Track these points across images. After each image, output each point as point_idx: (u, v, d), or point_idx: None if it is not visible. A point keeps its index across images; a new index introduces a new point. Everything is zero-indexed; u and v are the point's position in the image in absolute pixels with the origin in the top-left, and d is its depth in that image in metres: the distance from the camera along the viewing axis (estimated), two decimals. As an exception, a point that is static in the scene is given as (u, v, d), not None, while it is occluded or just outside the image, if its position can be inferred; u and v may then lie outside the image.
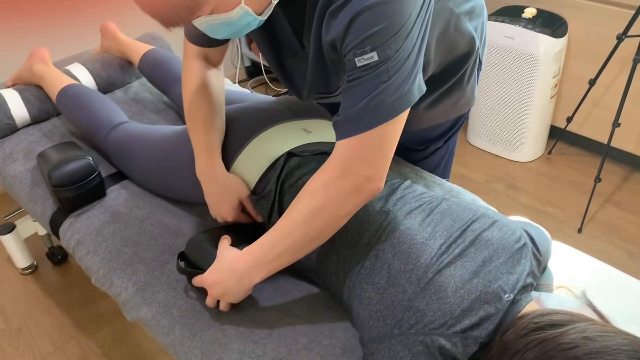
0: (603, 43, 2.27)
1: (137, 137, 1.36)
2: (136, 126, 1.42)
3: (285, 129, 1.15)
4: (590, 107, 2.46)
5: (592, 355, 0.70)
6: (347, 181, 0.86)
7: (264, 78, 3.20)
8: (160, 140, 1.30)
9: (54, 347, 1.76)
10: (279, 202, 1.07)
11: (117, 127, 1.42)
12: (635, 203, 2.31)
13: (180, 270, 1.07)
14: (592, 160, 2.56)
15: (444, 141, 1.36)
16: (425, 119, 1.25)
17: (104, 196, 1.35)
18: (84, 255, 1.24)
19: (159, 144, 1.29)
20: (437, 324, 0.81)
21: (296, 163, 1.09)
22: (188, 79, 1.15)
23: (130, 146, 1.36)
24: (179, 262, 1.08)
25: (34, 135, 1.59)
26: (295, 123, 1.18)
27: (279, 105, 1.24)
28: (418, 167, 1.39)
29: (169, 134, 1.30)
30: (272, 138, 1.13)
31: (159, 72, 1.68)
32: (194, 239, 1.09)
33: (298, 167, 1.08)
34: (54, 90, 1.57)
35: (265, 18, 0.86)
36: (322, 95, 1.09)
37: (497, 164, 2.60)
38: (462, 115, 1.31)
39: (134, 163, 1.35)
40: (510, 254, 0.90)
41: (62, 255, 2.07)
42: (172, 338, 1.03)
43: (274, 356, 0.95)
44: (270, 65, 1.12)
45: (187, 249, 1.09)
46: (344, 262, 0.94)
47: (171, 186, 1.28)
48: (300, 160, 1.09)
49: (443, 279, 0.84)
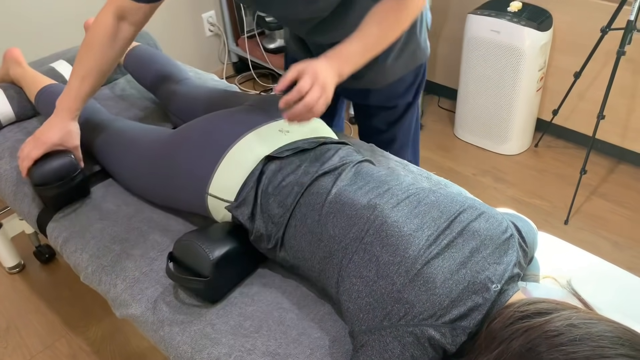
0: (588, 36, 2.29)
1: (120, 141, 1.34)
2: (119, 126, 1.39)
3: (262, 133, 1.14)
4: (576, 100, 2.49)
5: (576, 342, 0.71)
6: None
7: (252, 74, 3.20)
8: (147, 150, 1.26)
9: (43, 345, 1.76)
10: (262, 205, 1.06)
11: (97, 127, 1.40)
12: (621, 194, 2.34)
13: (170, 274, 1.05)
14: (578, 152, 2.59)
15: (412, 96, 1.46)
16: (391, 73, 1.37)
17: (88, 194, 1.34)
18: (72, 253, 1.23)
19: (147, 154, 1.26)
20: (426, 315, 0.82)
21: (277, 166, 1.08)
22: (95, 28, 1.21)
23: (113, 150, 1.34)
24: (168, 265, 1.06)
25: (19, 133, 1.57)
26: (271, 126, 1.16)
27: (253, 108, 1.22)
28: (406, 162, 1.40)
29: (156, 144, 1.26)
30: (249, 145, 1.11)
31: (145, 70, 1.66)
32: (182, 240, 1.07)
33: (280, 169, 1.08)
34: (31, 92, 1.55)
35: None
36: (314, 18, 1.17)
37: (484, 157, 2.61)
38: (420, 65, 1.41)
39: (119, 168, 1.33)
40: (498, 245, 0.90)
41: (50, 254, 2.06)
42: (161, 334, 1.03)
43: (264, 350, 0.96)
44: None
45: (176, 250, 1.08)
46: (332, 257, 0.94)
47: (166, 197, 1.25)
48: (281, 162, 1.09)
49: (431, 270, 0.84)
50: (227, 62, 3.26)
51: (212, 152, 1.12)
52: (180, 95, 1.52)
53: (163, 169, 1.20)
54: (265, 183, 1.07)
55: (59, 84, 1.57)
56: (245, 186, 1.08)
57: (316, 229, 0.98)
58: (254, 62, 3.09)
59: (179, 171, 1.16)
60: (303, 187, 1.03)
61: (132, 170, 1.28)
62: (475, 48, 2.42)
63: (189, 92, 1.52)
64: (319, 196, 1.01)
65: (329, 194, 1.01)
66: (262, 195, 1.06)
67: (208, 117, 1.22)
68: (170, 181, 1.19)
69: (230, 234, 1.08)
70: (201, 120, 1.22)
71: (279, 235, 1.03)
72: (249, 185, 1.07)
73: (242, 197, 1.07)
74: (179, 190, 1.18)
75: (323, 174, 1.05)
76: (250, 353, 0.96)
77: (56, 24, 2.42)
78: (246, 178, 1.08)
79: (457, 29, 2.72)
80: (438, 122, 2.88)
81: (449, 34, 2.80)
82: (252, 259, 1.12)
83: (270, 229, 1.05)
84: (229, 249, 1.05)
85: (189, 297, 1.08)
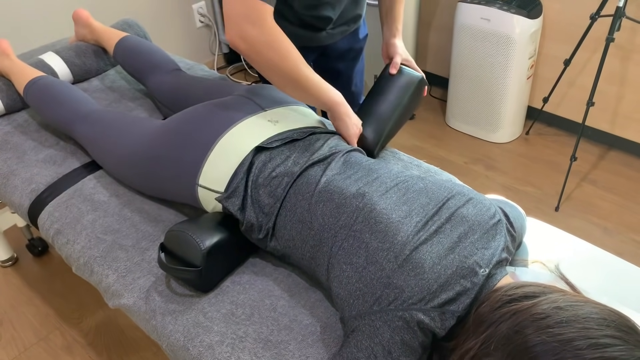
0: (577, 23, 2.30)
1: (109, 133, 1.33)
2: (108, 118, 1.38)
3: (252, 123, 1.14)
4: (566, 88, 2.50)
5: (563, 324, 0.72)
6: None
7: (243, 65, 3.19)
8: (136, 142, 1.25)
9: (37, 338, 1.76)
10: (252, 196, 1.06)
11: (85, 119, 1.39)
12: (611, 181, 2.36)
13: (161, 265, 1.05)
14: (568, 139, 2.60)
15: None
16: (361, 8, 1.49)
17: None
18: (64, 245, 1.24)
19: (136, 146, 1.24)
20: (415, 300, 0.83)
21: (267, 156, 1.08)
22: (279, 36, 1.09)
23: (103, 142, 1.33)
24: (160, 256, 1.05)
25: (9, 126, 1.57)
26: (261, 115, 1.17)
27: (242, 99, 1.22)
28: (396, 150, 1.41)
29: (145, 136, 1.24)
30: (239, 136, 1.12)
31: (134, 61, 1.66)
32: (173, 230, 1.07)
33: (270, 159, 1.08)
34: (20, 84, 1.54)
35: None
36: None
37: (475, 145, 2.62)
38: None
39: (109, 160, 1.33)
40: (485, 230, 0.91)
41: (43, 247, 2.06)
42: (154, 323, 1.04)
43: (256, 337, 0.97)
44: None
45: (167, 240, 1.08)
46: (322, 245, 0.95)
47: (156, 188, 1.25)
48: (271, 152, 1.09)
49: (420, 256, 0.85)
50: (218, 53, 3.25)
51: (201, 143, 1.12)
52: (169, 86, 1.52)
53: (153, 160, 1.20)
54: (256, 174, 1.07)
55: (48, 76, 1.56)
56: (235, 177, 1.08)
57: (306, 218, 0.99)
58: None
59: (168, 162, 1.16)
60: (293, 177, 1.04)
61: (122, 162, 1.28)
62: (466, 36, 2.42)
63: (179, 82, 1.51)
64: (308, 185, 1.02)
65: (319, 183, 1.01)
66: (252, 186, 1.07)
67: (197, 107, 1.22)
68: (160, 173, 1.19)
69: (221, 223, 1.09)
70: (190, 111, 1.21)
71: (270, 225, 1.03)
72: (239, 175, 1.08)
73: (233, 188, 1.07)
74: (169, 181, 1.18)
75: (313, 164, 1.06)
76: (243, 340, 0.96)
77: (44, 16, 2.41)
78: (236, 168, 1.08)
79: (448, 18, 2.72)
80: (429, 111, 2.88)
81: (440, 22, 2.80)
82: (243, 249, 1.12)
83: (261, 219, 1.05)
84: (220, 238, 1.05)
85: (181, 286, 1.08)
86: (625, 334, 0.71)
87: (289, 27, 1.36)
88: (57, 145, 1.49)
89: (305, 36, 1.42)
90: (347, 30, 1.50)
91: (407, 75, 1.37)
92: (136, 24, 1.91)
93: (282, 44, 1.09)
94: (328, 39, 1.47)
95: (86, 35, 1.80)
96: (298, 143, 1.12)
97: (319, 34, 1.44)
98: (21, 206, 1.36)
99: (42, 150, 1.47)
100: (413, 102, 1.39)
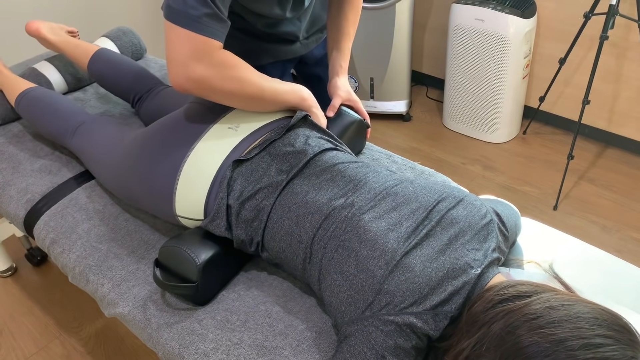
0: (571, 22, 2.30)
1: (96, 150, 1.31)
2: (96, 131, 1.35)
3: (213, 136, 1.09)
4: (562, 86, 2.50)
5: (555, 324, 0.72)
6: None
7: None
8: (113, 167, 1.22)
9: (37, 347, 1.76)
10: (237, 212, 1.03)
11: (75, 132, 1.38)
12: (608, 178, 2.35)
13: (157, 282, 1.03)
14: (565, 138, 2.60)
15: None
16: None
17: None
18: (59, 254, 1.24)
19: (114, 171, 1.22)
20: (407, 304, 0.82)
21: (248, 168, 1.05)
22: (232, 63, 1.05)
23: (91, 156, 1.32)
24: (155, 272, 1.04)
25: (4, 136, 1.57)
26: (220, 125, 1.11)
27: (196, 108, 1.16)
28: (390, 152, 1.41)
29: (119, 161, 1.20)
30: (201, 159, 1.06)
31: (111, 84, 1.59)
32: (167, 245, 1.04)
33: (251, 171, 1.05)
34: (11, 97, 1.54)
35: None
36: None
37: (472, 146, 2.62)
38: None
39: (97, 174, 1.31)
40: (477, 231, 0.91)
41: (42, 256, 2.06)
42: (149, 332, 1.04)
43: (251, 343, 0.96)
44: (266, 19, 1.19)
45: (162, 256, 1.05)
46: (312, 257, 0.95)
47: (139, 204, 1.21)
48: (251, 162, 1.06)
49: (410, 260, 0.85)
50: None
51: (164, 175, 1.08)
52: (147, 111, 1.50)
53: (130, 187, 1.16)
54: (238, 189, 1.04)
55: (38, 88, 1.54)
56: (210, 199, 1.05)
57: (295, 231, 0.97)
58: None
59: (142, 194, 1.13)
60: (278, 188, 1.02)
61: (111, 180, 1.25)
62: (461, 37, 2.43)
63: (155, 104, 1.49)
64: (294, 196, 1.00)
65: (306, 194, 1.00)
66: (237, 202, 1.03)
67: (152, 132, 1.16)
68: (140, 202, 1.17)
69: (215, 236, 1.07)
70: (147, 137, 1.15)
71: (259, 238, 1.02)
72: (217, 196, 1.04)
73: (214, 211, 1.04)
74: (151, 210, 1.16)
75: (298, 173, 1.03)
76: (238, 347, 0.96)
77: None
78: (207, 191, 1.05)
79: (442, 19, 2.73)
80: (426, 113, 2.88)
81: (435, 24, 2.81)
82: (238, 260, 1.12)
83: (250, 234, 1.03)
84: (215, 252, 1.04)
85: (175, 295, 1.08)
86: (617, 332, 0.71)
87: (262, 45, 1.35)
88: (52, 155, 1.49)
89: (281, 50, 1.39)
90: (321, 36, 1.49)
91: (345, 118, 1.30)
92: (131, 31, 1.91)
93: (237, 71, 1.04)
94: (303, 48, 1.44)
95: (52, 48, 1.71)
96: (277, 144, 1.08)
97: (293, 46, 1.41)
98: (17, 216, 1.36)
99: (38, 160, 1.48)
100: (354, 145, 1.34)
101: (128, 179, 1.16)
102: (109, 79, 1.59)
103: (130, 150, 1.17)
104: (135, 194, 1.16)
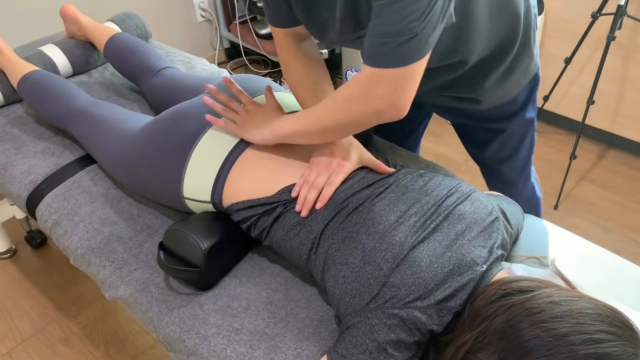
0: (578, 21, 2.29)
1: (99, 133, 1.31)
2: (99, 114, 1.36)
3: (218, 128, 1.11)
4: (567, 86, 2.49)
5: (557, 318, 0.72)
6: (370, 103, 0.87)
7: (244, 60, 3.18)
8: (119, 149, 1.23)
9: (35, 329, 1.76)
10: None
11: (77, 116, 1.38)
12: (610, 180, 2.35)
13: (161, 265, 1.04)
14: (568, 138, 2.60)
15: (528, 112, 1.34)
16: (497, 96, 1.19)
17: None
18: (61, 236, 1.24)
19: (120, 154, 1.23)
20: (412, 298, 0.83)
21: None
22: (289, 62, 1.07)
23: (94, 141, 1.32)
24: (160, 255, 1.04)
25: (8, 117, 1.57)
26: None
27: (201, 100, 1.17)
28: (396, 145, 1.40)
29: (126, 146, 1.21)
30: (211, 142, 1.08)
31: (124, 63, 1.62)
32: (173, 229, 1.05)
33: None
34: (13, 80, 1.53)
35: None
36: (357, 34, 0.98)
37: (475, 143, 2.62)
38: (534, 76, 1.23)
39: (100, 159, 1.32)
40: (483, 228, 0.91)
41: (41, 239, 2.06)
42: (150, 315, 1.04)
43: (252, 329, 0.97)
44: (306, 22, 1.01)
45: (167, 240, 1.06)
46: (318, 246, 0.95)
47: (148, 196, 1.24)
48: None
49: (417, 254, 0.85)
50: (219, 48, 3.24)
51: (174, 157, 1.09)
52: (157, 92, 1.50)
53: (135, 173, 1.17)
54: None
55: (40, 71, 1.53)
56: (219, 178, 1.06)
57: (306, 221, 0.98)
58: (246, 47, 3.08)
59: (149, 178, 1.14)
60: None
61: (113, 164, 1.26)
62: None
63: (165, 84, 1.49)
64: None
65: None
66: None
67: (166, 116, 1.18)
68: (145, 186, 1.17)
69: (220, 221, 1.07)
70: (160, 120, 1.17)
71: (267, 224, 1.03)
72: (223, 176, 1.06)
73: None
74: (156, 194, 1.17)
75: None
76: (238, 332, 0.96)
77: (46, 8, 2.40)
78: (217, 171, 1.06)
79: (449, 15, 2.71)
80: (430, 108, 2.88)
81: (441, 19, 2.79)
82: (242, 245, 1.12)
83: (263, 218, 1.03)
84: (220, 238, 1.04)
85: (177, 279, 1.08)
86: (619, 329, 0.71)
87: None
88: (55, 137, 1.49)
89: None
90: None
91: None
92: (135, 15, 1.90)
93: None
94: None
95: (75, 33, 1.75)
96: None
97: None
98: (19, 197, 1.36)
99: (41, 141, 1.47)
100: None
101: (134, 163, 1.17)
102: (124, 50, 1.62)
103: (138, 135, 1.18)
104: (141, 179, 1.16)
